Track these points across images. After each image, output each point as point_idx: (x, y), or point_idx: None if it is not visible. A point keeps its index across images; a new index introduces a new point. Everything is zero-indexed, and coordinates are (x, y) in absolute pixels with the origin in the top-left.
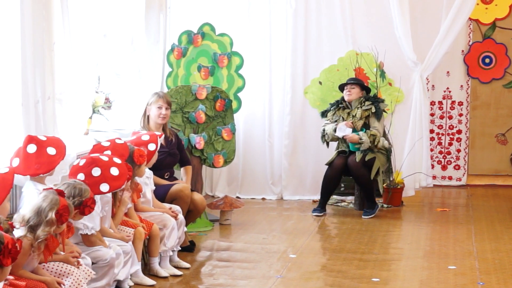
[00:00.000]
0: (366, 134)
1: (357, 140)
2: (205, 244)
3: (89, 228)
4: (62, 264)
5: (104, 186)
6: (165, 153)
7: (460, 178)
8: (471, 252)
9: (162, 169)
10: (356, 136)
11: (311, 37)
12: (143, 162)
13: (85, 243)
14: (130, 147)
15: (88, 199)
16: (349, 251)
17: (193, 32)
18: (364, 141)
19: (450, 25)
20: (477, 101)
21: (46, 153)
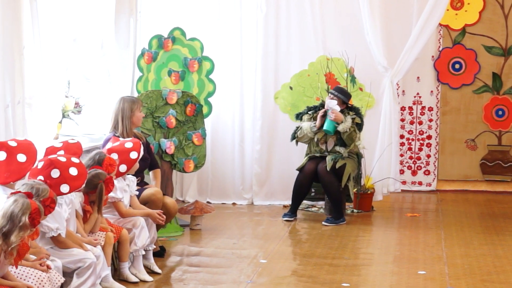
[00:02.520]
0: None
1: (341, 119)
2: (175, 249)
3: (54, 230)
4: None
5: (64, 187)
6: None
7: (430, 184)
8: (440, 257)
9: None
10: (342, 116)
11: (282, 42)
12: (113, 171)
13: (57, 245)
14: (101, 155)
15: (46, 198)
16: (319, 256)
17: (164, 37)
18: (347, 122)
19: (420, 30)
20: (447, 106)
21: (16, 161)
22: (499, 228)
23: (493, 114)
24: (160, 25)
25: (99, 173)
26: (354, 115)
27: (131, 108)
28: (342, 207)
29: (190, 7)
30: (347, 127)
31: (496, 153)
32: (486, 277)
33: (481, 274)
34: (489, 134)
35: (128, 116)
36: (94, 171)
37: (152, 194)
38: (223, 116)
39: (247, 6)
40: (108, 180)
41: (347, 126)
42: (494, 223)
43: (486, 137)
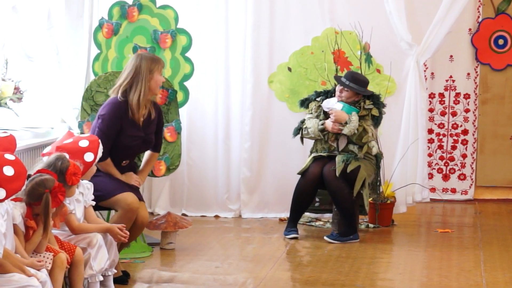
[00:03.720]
0: (357, 117)
1: (345, 119)
2: (141, 274)
3: None
4: None
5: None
6: (139, 139)
7: (467, 191)
8: (479, 284)
9: (125, 157)
10: (345, 116)
11: (278, 11)
12: (76, 183)
13: None
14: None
15: None
16: (325, 283)
17: (128, 4)
18: (353, 122)
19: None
20: (488, 93)
21: None
22: None
23: None
24: None
25: (45, 180)
26: (371, 105)
27: (150, 68)
28: (355, 221)
29: None
30: (354, 128)
31: None
32: None
33: None
34: None
35: (146, 78)
36: (38, 177)
37: (129, 204)
38: (203, 105)
39: None
40: (57, 189)
41: (354, 127)
42: None
43: None
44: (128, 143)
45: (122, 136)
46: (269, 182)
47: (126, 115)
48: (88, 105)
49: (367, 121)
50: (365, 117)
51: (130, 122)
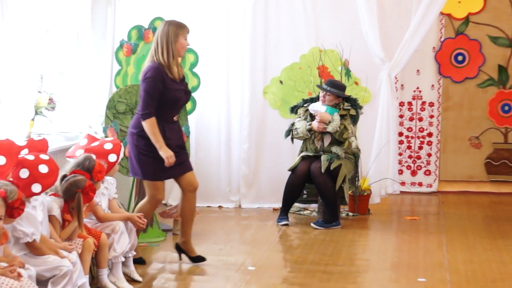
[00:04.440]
0: (339, 117)
1: (328, 119)
2: (157, 256)
3: (29, 235)
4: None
5: (36, 186)
6: (181, 91)
7: (431, 185)
8: (442, 263)
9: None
10: (328, 116)
11: (271, 32)
12: (101, 179)
13: (32, 251)
14: (91, 161)
15: (15, 200)
16: (312, 262)
17: (144, 27)
18: (335, 121)
19: (420, 20)
20: (449, 101)
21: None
22: (505, 232)
23: (498, 109)
24: (140, 15)
25: (78, 180)
26: (350, 107)
27: (176, 32)
28: (337, 210)
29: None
30: (336, 126)
31: (502, 152)
32: (490, 285)
33: (485, 281)
34: (494, 131)
35: (173, 41)
36: (72, 178)
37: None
38: (208, 113)
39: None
40: (88, 188)
41: (336, 125)
42: (499, 226)
43: (491, 134)
44: (175, 96)
45: (168, 92)
46: (264, 178)
47: (166, 75)
48: (111, 113)
49: (347, 120)
50: (345, 116)
51: (170, 80)
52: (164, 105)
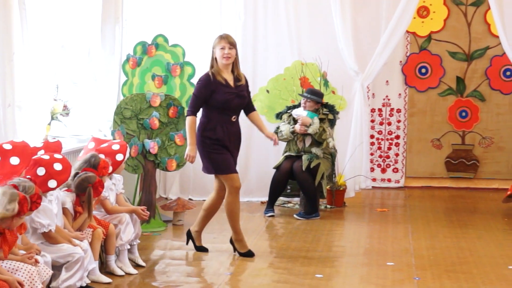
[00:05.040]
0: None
1: (309, 122)
2: (158, 244)
3: (45, 226)
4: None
5: (51, 182)
6: (232, 94)
7: (399, 181)
8: (408, 249)
9: (230, 111)
10: (309, 120)
11: (259, 48)
12: (106, 174)
13: (48, 240)
14: (96, 158)
15: (33, 195)
16: (294, 249)
17: (148, 43)
18: (315, 124)
19: (389, 37)
20: (414, 108)
21: (9, 164)
22: (463, 222)
23: (457, 115)
24: (144, 32)
25: (89, 177)
26: (328, 112)
27: (214, 44)
28: (316, 203)
29: (173, 15)
30: (316, 128)
31: (460, 152)
32: (450, 268)
33: (446, 265)
34: (453, 134)
35: (214, 51)
36: (84, 175)
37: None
38: None
39: (226, 14)
40: (98, 183)
41: (316, 128)
42: (458, 217)
43: (451, 136)
44: (223, 98)
45: (217, 95)
46: (253, 175)
47: (214, 80)
48: (118, 118)
49: (325, 123)
50: (324, 120)
51: (219, 84)
52: (217, 107)
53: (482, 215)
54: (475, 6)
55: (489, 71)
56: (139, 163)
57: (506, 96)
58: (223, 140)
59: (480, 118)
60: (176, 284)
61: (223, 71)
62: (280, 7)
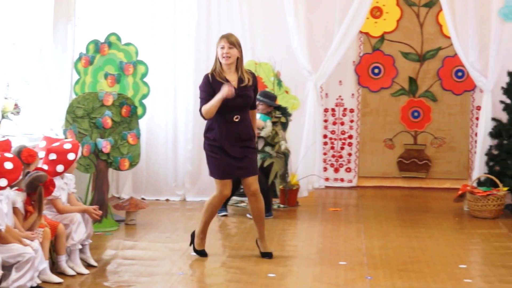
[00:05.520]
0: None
1: (262, 125)
2: (110, 243)
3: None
4: None
5: (2, 181)
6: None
7: (351, 180)
8: (360, 248)
9: (231, 111)
10: (262, 123)
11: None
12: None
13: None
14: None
15: None
16: (247, 248)
17: (100, 42)
18: (268, 127)
19: (342, 37)
20: (367, 108)
21: None
22: (414, 222)
23: (409, 115)
24: (97, 30)
25: (39, 176)
26: (280, 115)
27: (216, 44)
28: (269, 202)
29: (126, 14)
30: (268, 131)
31: (412, 152)
32: (401, 267)
33: (397, 264)
34: (405, 134)
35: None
36: (35, 174)
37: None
38: (157, 117)
39: (180, 13)
40: (49, 183)
41: (269, 131)
42: (410, 216)
43: (403, 136)
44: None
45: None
46: (206, 174)
47: (213, 81)
48: (70, 117)
49: (278, 126)
50: (276, 123)
51: (220, 84)
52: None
53: (434, 215)
54: (427, 7)
55: (441, 72)
56: (91, 162)
57: (457, 97)
58: (220, 141)
59: (432, 118)
60: (128, 284)
61: (225, 71)
62: (234, 7)
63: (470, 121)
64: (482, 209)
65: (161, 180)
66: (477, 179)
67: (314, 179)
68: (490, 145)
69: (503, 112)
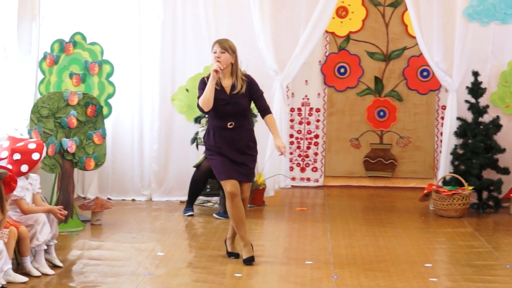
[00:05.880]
0: None
1: None
2: (76, 244)
3: None
4: None
5: None
6: (223, 101)
7: (318, 180)
8: (326, 248)
9: (224, 117)
10: None
11: (178, 46)
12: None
13: None
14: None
15: None
16: (214, 248)
17: (65, 41)
18: None
19: (308, 37)
20: (333, 108)
21: None
22: (380, 221)
23: (375, 115)
24: (61, 29)
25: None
26: None
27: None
28: None
29: (91, 13)
30: None
31: (378, 151)
32: (367, 266)
33: (363, 263)
34: (371, 134)
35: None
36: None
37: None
38: (122, 117)
39: (145, 13)
40: (9, 179)
41: None
42: (376, 216)
43: (369, 136)
44: (217, 104)
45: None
46: (172, 174)
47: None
48: (35, 116)
49: None
50: None
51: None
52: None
53: (400, 214)
54: (393, 7)
55: (406, 71)
56: (56, 162)
57: (423, 96)
58: (215, 146)
59: (397, 117)
60: (94, 284)
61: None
62: (199, 6)
63: (436, 121)
64: (448, 208)
65: (127, 180)
66: (443, 178)
67: (280, 179)
68: (455, 144)
69: (468, 112)
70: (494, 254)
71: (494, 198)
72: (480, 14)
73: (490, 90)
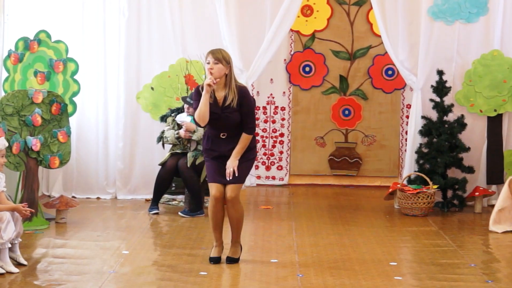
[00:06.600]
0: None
1: (193, 129)
2: (41, 242)
3: None
4: None
5: None
6: (215, 114)
7: (283, 178)
8: (291, 246)
9: (217, 129)
10: (193, 126)
11: (144, 44)
12: None
13: None
14: None
15: None
16: (179, 246)
17: (30, 39)
18: (200, 130)
19: (273, 35)
20: (298, 106)
21: None
22: (345, 219)
23: (340, 113)
24: (26, 27)
25: None
26: None
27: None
28: (201, 201)
29: (56, 11)
30: (200, 134)
31: (343, 150)
32: (332, 265)
33: (328, 262)
34: (336, 132)
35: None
36: None
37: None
38: (87, 115)
39: (110, 10)
40: None
41: (200, 134)
42: (341, 214)
43: (334, 135)
44: (210, 118)
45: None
46: (137, 172)
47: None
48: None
49: None
50: None
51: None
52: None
53: (365, 212)
54: (357, 6)
55: (371, 70)
56: (21, 160)
57: (388, 95)
58: (211, 150)
59: (362, 116)
60: (58, 282)
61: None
62: (164, 4)
63: (401, 119)
64: (412, 207)
65: (92, 178)
66: (407, 177)
67: None
68: (420, 143)
69: (433, 110)
70: (459, 253)
71: (459, 196)
72: (445, 13)
73: (455, 89)
